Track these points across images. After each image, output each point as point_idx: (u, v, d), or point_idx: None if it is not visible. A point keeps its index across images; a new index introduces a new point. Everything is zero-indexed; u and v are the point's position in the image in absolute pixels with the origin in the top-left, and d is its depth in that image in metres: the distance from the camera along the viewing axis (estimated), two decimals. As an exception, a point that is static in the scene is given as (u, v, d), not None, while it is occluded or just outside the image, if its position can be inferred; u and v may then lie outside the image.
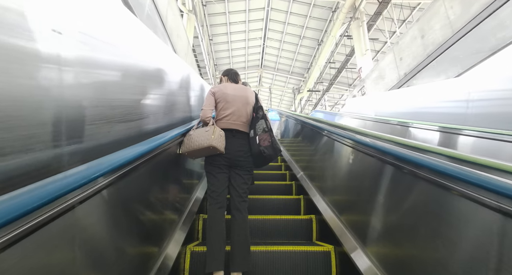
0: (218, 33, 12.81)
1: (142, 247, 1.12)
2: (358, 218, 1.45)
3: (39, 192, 0.52)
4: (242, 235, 1.47)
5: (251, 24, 12.55)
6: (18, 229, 0.48)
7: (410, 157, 0.97)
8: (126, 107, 1.13)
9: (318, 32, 12.30)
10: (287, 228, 1.99)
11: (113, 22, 1.13)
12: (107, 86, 1.02)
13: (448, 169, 0.78)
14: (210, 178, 1.59)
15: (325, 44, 11.15)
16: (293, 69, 15.89)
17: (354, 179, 1.62)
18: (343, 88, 15.90)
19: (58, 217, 0.59)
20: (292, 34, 12.85)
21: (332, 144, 2.02)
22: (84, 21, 0.87)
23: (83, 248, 0.70)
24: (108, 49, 1.03)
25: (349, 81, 14.88)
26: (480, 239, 0.69)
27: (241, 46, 14.11)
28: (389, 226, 1.14)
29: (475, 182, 0.68)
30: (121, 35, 1.18)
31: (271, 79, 17.49)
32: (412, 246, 0.95)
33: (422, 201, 0.94)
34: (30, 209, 0.48)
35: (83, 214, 0.71)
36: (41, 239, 0.54)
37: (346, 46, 11.89)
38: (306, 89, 14.76)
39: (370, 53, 8.16)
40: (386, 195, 1.17)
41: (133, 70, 1.27)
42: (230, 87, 1.76)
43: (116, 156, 0.85)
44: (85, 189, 0.68)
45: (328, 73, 14.19)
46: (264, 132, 1.61)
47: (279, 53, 14.57)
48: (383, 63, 5.56)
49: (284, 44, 13.74)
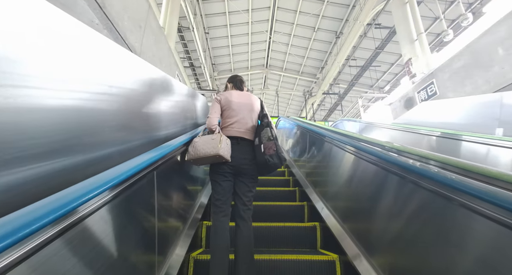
0: (216, 26, 10.68)
1: (146, 256, 1.12)
2: (365, 227, 1.39)
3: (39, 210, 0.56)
4: (246, 244, 1.45)
5: (254, 14, 10.40)
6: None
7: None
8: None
9: (336, 22, 10.09)
10: (291, 235, 1.95)
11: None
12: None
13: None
14: (215, 186, 1.58)
15: (347, 36, 8.93)
16: (304, 68, 13.65)
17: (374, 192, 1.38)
18: (362, 90, 13.62)
19: (70, 228, 0.63)
20: (304, 25, 10.65)
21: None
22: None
23: (86, 257, 0.71)
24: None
25: (371, 81, 12.61)
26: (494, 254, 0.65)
27: (243, 42, 11.95)
28: (399, 238, 1.07)
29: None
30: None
31: (278, 81, 15.27)
32: (423, 259, 0.90)
33: (437, 215, 0.85)
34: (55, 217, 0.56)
35: (88, 224, 0.72)
36: (50, 247, 0.58)
37: (370, 39, 9.67)
38: (320, 92, 12.50)
39: (426, 37, 5.86)
40: (398, 206, 1.11)
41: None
42: (235, 95, 1.77)
43: (118, 170, 0.90)
44: (91, 203, 0.71)
45: (348, 73, 11.94)
46: (269, 140, 1.58)
47: (288, 50, 12.36)
48: (486, 40, 3.25)
49: (294, 38, 11.54)
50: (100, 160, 1.08)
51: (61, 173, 0.86)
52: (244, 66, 13.91)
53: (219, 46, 12.05)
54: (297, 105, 18.01)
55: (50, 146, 0.83)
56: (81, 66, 1.04)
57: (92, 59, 1.13)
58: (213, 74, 13.34)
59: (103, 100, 1.15)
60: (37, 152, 0.79)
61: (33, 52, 0.82)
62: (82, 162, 0.97)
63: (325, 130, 2.27)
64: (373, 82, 12.77)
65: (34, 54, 0.82)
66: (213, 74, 13.34)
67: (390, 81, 12.35)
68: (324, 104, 15.91)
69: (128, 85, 1.41)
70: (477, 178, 0.68)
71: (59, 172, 0.85)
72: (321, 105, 15.85)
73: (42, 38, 0.86)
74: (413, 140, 2.66)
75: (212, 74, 13.29)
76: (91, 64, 1.12)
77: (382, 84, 12.76)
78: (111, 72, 1.28)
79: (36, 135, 0.79)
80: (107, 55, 1.28)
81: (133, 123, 1.43)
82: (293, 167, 3.47)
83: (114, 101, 1.25)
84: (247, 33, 11.40)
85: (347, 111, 14.91)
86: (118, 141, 1.24)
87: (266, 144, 1.56)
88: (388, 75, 12.03)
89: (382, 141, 1.26)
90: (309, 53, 12.29)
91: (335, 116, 16.57)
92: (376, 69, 11.33)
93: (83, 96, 1.03)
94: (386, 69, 11.70)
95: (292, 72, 14.15)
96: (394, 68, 11.51)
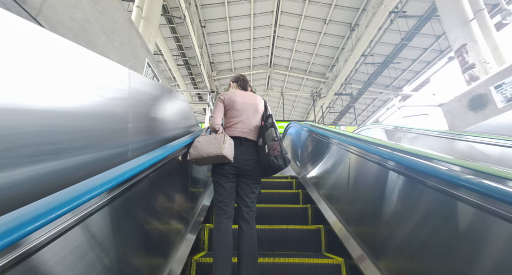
0: (213, 18, 9.43)
1: (148, 259, 1.10)
2: (373, 231, 1.35)
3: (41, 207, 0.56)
4: (250, 248, 1.41)
5: (257, 5, 9.15)
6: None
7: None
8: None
9: (351, 12, 8.80)
10: (295, 238, 1.91)
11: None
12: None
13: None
14: (218, 187, 1.55)
15: (364, 28, 7.62)
16: (312, 67, 12.34)
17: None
18: (376, 91, 12.28)
19: (70, 228, 0.63)
20: (313, 17, 9.37)
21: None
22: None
23: (86, 260, 0.69)
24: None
25: (388, 80, 11.27)
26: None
27: (245, 38, 10.68)
28: (408, 242, 1.04)
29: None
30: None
31: (283, 81, 13.96)
32: (437, 266, 0.86)
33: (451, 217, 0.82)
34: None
35: (89, 226, 0.72)
36: (48, 249, 0.58)
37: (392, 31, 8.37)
38: (331, 93, 11.17)
39: (488, 14, 4.48)
40: (406, 208, 1.10)
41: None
42: (239, 94, 1.74)
43: (120, 169, 0.87)
44: (92, 203, 0.71)
45: (364, 72, 10.61)
46: (274, 141, 1.54)
47: (294, 46, 11.07)
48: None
49: (301, 32, 10.25)
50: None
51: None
52: (245, 65, 12.63)
53: (217, 43, 10.78)
54: (303, 108, 16.67)
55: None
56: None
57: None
58: (211, 74, 12.06)
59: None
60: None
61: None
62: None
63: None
64: (389, 82, 11.43)
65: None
66: (211, 74, 12.06)
67: (410, 80, 11.00)
68: (334, 106, 14.56)
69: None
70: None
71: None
72: (330, 108, 14.49)
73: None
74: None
75: (210, 74, 12.02)
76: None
77: (400, 84, 11.41)
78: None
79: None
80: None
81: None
82: (319, 201, 2.23)
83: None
84: (249, 27, 10.13)
85: (360, 114, 13.58)
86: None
87: (270, 144, 1.52)
88: (407, 73, 10.69)
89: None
90: (318, 50, 10.98)
91: (346, 119, 15.20)
92: (396, 67, 9.99)
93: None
94: (406, 67, 10.36)
95: (299, 71, 12.84)
96: (416, 65, 10.17)
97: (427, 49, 9.10)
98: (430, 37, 8.52)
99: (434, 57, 9.44)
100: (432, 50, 9.10)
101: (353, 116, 14.46)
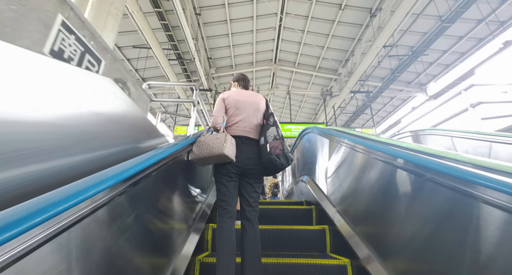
0: (210, 5, 8.12)
1: (151, 258, 1.10)
2: (380, 230, 1.31)
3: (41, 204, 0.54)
4: (253, 247, 1.42)
5: (261, -11, 7.84)
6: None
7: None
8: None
9: (372, -5, 7.43)
10: (299, 238, 1.93)
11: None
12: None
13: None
14: (220, 187, 1.56)
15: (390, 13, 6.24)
16: (322, 62, 10.97)
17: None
18: (396, 88, 10.86)
19: (70, 226, 0.61)
20: (326, 2, 8.02)
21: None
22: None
23: (89, 260, 0.69)
24: None
25: (409, 77, 9.86)
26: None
27: (246, 29, 9.36)
28: (415, 241, 1.02)
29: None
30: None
31: (289, 79, 12.60)
32: (448, 267, 0.84)
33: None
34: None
35: (91, 225, 0.70)
36: (51, 246, 0.56)
37: (424, 17, 6.99)
38: (345, 91, 9.79)
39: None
40: (414, 206, 1.06)
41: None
42: (240, 93, 1.76)
43: (122, 166, 0.86)
44: (92, 201, 0.69)
45: (385, 67, 9.20)
46: (275, 139, 1.56)
47: (302, 39, 9.72)
48: None
49: (311, 22, 8.90)
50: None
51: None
52: (248, 61, 11.32)
53: (216, 35, 9.48)
54: (311, 108, 15.30)
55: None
56: None
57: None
58: (209, 71, 10.75)
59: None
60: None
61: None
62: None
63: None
64: (410, 78, 10.02)
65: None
66: (209, 71, 10.75)
67: (437, 75, 9.57)
68: (345, 106, 13.16)
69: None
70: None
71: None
72: (342, 108, 13.09)
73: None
74: None
75: (208, 71, 10.71)
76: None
77: (424, 80, 9.99)
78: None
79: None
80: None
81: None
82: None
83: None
84: (251, 17, 8.81)
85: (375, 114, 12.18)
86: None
87: (272, 143, 1.54)
88: (435, 67, 9.27)
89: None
90: (330, 42, 9.61)
91: (360, 121, 13.77)
92: (422, 61, 8.58)
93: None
94: (433, 60, 8.95)
95: (307, 67, 11.47)
96: (446, 58, 8.75)
97: (462, 38, 7.69)
98: (470, 22, 7.11)
99: (471, 46, 8.02)
100: (469, 38, 7.68)
101: (365, 117, 13.01)
